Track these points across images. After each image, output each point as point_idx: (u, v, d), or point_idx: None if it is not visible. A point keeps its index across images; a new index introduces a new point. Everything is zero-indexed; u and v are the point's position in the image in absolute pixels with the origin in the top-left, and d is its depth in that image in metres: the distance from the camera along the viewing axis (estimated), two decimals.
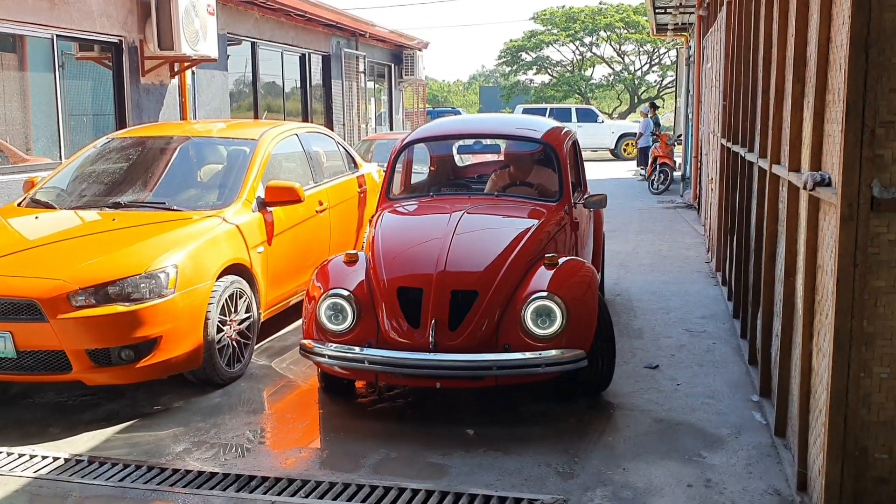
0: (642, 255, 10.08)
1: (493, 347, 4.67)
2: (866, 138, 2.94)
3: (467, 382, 4.78)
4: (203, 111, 10.67)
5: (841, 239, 3.03)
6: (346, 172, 7.87)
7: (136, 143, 6.63)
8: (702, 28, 13.38)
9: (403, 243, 5.36)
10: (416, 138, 6.68)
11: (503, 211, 5.84)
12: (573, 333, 4.69)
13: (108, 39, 8.89)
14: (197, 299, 5.14)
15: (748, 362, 5.66)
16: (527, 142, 6.61)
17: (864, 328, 3.08)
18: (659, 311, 7.30)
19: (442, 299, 4.71)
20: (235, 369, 5.54)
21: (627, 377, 5.57)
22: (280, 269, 6.19)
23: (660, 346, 6.24)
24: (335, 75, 15.46)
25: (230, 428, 4.79)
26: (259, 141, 6.50)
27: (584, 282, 5.04)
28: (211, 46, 9.67)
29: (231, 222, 5.71)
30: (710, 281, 8.54)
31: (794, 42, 4.16)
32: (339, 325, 4.82)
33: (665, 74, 45.27)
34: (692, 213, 13.85)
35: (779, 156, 4.72)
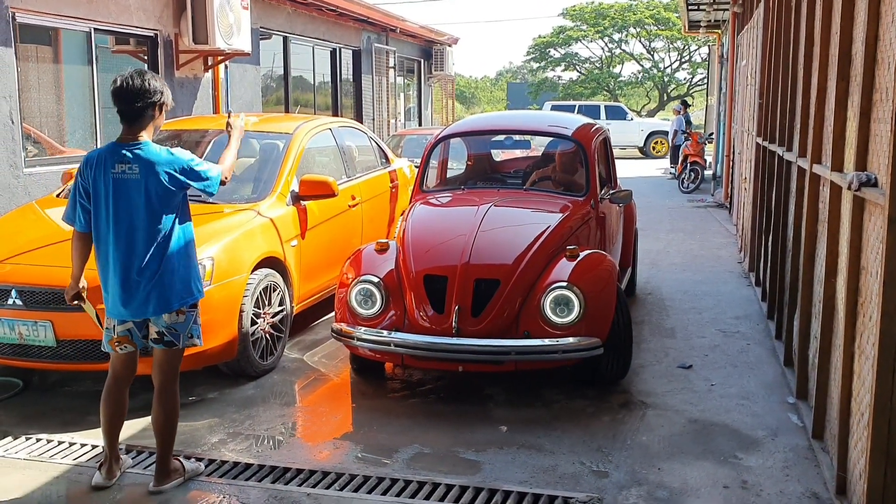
0: (673, 254, 10.01)
1: (513, 334, 4.86)
2: None
3: (488, 367, 4.98)
4: (235, 105, 10.72)
5: (889, 241, 2.99)
6: (379, 167, 7.88)
7: (172, 137, 6.66)
8: (736, 25, 13.25)
9: (432, 233, 5.54)
10: (450, 133, 6.76)
11: (530, 204, 5.96)
12: (590, 323, 4.86)
13: (143, 33, 8.96)
14: (232, 291, 5.18)
15: (783, 364, 5.60)
16: (557, 138, 6.65)
17: None
18: (691, 311, 7.24)
19: (466, 287, 4.90)
20: (268, 362, 5.57)
21: (661, 377, 5.53)
22: (313, 262, 6.21)
23: (693, 346, 6.19)
24: (365, 70, 15.48)
25: (264, 420, 4.82)
26: (293, 135, 6.53)
27: (603, 274, 5.18)
28: (244, 40, 9.72)
29: (265, 215, 5.74)
30: (743, 281, 8.46)
31: (838, 40, 4.10)
32: (368, 309, 5.05)
33: (695, 72, 44.85)
34: (723, 212, 13.73)
35: (820, 155, 4.67)
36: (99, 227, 3.82)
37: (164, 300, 3.82)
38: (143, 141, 3.81)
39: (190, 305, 3.91)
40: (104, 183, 3.77)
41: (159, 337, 3.87)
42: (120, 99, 3.81)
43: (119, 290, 3.81)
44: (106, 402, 3.98)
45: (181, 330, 3.88)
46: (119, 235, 3.78)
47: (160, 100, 3.87)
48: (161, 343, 3.88)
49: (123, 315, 3.86)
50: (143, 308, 3.82)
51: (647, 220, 12.72)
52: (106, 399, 3.98)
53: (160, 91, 3.86)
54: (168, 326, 3.85)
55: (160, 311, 3.83)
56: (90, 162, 3.83)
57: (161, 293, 3.81)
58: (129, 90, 3.78)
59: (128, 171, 3.76)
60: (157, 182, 3.74)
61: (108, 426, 3.99)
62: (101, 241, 3.83)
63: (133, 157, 3.76)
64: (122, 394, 4.02)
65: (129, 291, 3.80)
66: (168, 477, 3.95)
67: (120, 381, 4.01)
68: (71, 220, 3.92)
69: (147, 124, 3.85)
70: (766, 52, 7.79)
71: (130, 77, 3.80)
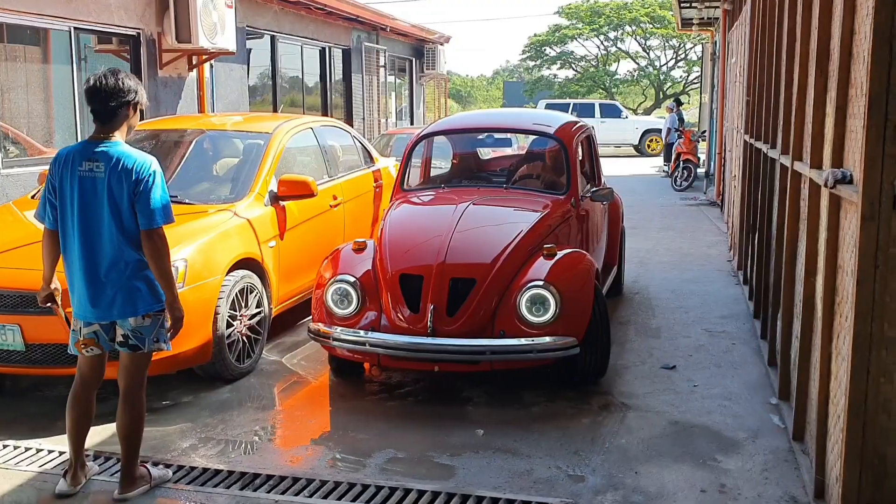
0: (662, 253, 9.93)
1: (489, 333, 4.83)
2: (889, 134, 2.82)
3: (464, 367, 4.95)
4: (221, 104, 10.64)
5: (861, 239, 2.91)
6: (362, 167, 7.80)
7: (150, 136, 6.58)
8: (727, 22, 13.19)
9: (409, 232, 5.52)
10: (430, 132, 6.69)
11: (509, 203, 5.92)
12: (566, 322, 4.83)
13: (125, 32, 8.87)
14: (206, 294, 5.09)
15: (768, 364, 5.53)
16: (539, 136, 6.61)
17: (884, 332, 2.96)
18: (678, 310, 7.17)
19: (441, 286, 4.87)
20: (245, 365, 5.49)
21: (643, 378, 5.45)
22: (292, 263, 6.13)
23: (677, 346, 6.12)
24: (355, 69, 15.39)
25: (238, 424, 4.74)
26: (273, 134, 6.45)
27: (580, 273, 5.15)
28: (229, 39, 9.63)
29: (242, 216, 5.66)
30: (732, 280, 8.39)
31: (817, 35, 4.03)
32: (344, 309, 5.03)
33: (691, 70, 44.81)
34: (715, 210, 13.65)
35: (801, 152, 4.59)
36: (65, 225, 3.74)
37: (131, 303, 3.74)
38: (114, 140, 3.73)
39: (157, 310, 3.82)
40: (70, 181, 3.70)
41: (124, 340, 3.79)
42: (93, 98, 3.73)
43: (85, 292, 3.74)
44: (72, 407, 3.90)
45: (147, 334, 3.80)
46: (85, 235, 3.70)
47: (134, 99, 3.79)
48: (126, 346, 3.80)
49: (90, 317, 3.78)
50: (109, 310, 3.74)
51: (638, 218, 12.66)
52: (72, 403, 3.90)
53: (134, 90, 3.78)
54: (134, 330, 3.77)
55: (126, 314, 3.75)
56: (59, 159, 3.76)
57: (128, 296, 3.73)
58: (102, 89, 3.70)
59: (94, 170, 3.68)
60: (119, 182, 3.66)
61: (74, 431, 3.90)
62: (67, 241, 3.76)
63: (100, 156, 3.68)
64: (89, 398, 3.93)
65: (96, 293, 3.72)
66: (133, 484, 3.87)
67: (87, 385, 3.92)
68: (42, 217, 3.85)
69: (120, 124, 3.78)
70: (752, 49, 7.72)
71: (104, 76, 3.73)
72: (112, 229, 3.68)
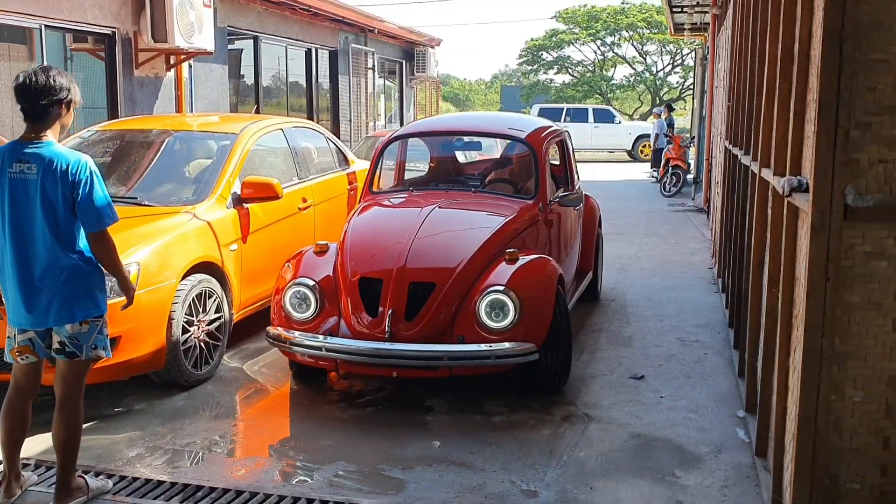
0: (644, 259, 9.81)
1: (448, 338, 4.75)
2: (840, 141, 2.70)
3: (422, 372, 4.85)
4: (201, 105, 10.51)
5: (812, 250, 2.79)
6: (336, 169, 7.67)
7: (115, 137, 6.47)
8: (716, 27, 13.10)
9: (371, 236, 5.43)
10: (400, 134, 6.58)
11: (475, 207, 5.83)
12: (526, 328, 4.75)
13: (99, 31, 8.74)
14: (160, 298, 4.96)
15: (738, 375, 5.41)
16: (509, 140, 6.50)
17: (835, 347, 2.84)
18: (653, 318, 7.04)
19: (400, 291, 4.80)
20: (203, 371, 5.35)
21: (610, 388, 5.33)
22: (256, 267, 6.00)
23: (648, 356, 5.99)
24: (342, 71, 15.26)
25: (188, 433, 4.60)
26: (239, 135, 6.32)
27: (542, 279, 5.07)
28: (207, 39, 9.50)
29: (202, 218, 5.53)
30: (711, 288, 8.26)
31: (782, 38, 3.91)
32: (302, 313, 4.96)
33: (687, 76, 44.71)
34: (702, 216, 13.54)
35: (768, 159, 4.47)
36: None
37: (67, 309, 3.61)
38: (45, 140, 3.60)
39: (95, 316, 3.69)
40: (0, 183, 3.56)
41: (61, 347, 3.65)
42: (23, 96, 3.59)
43: (19, 297, 3.60)
44: (6, 415, 3.76)
45: (84, 341, 3.66)
46: (17, 239, 3.57)
47: (66, 97, 3.65)
48: (63, 354, 3.66)
49: (24, 323, 3.65)
50: (45, 317, 3.61)
51: (623, 223, 12.56)
52: (6, 412, 3.77)
53: (66, 88, 3.64)
54: (71, 337, 3.63)
55: (63, 321, 3.61)
56: None
57: (64, 302, 3.60)
58: (32, 87, 3.56)
59: (26, 171, 3.55)
60: (54, 184, 3.52)
61: (9, 441, 3.77)
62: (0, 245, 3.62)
63: (32, 157, 3.55)
64: (25, 406, 3.80)
65: (30, 299, 3.59)
66: (70, 495, 3.73)
67: (22, 393, 3.78)
68: None
69: (52, 123, 3.64)
70: (733, 53, 7.60)
71: (34, 73, 3.59)
72: (46, 233, 3.55)
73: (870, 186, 2.73)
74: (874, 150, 2.72)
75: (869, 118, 2.70)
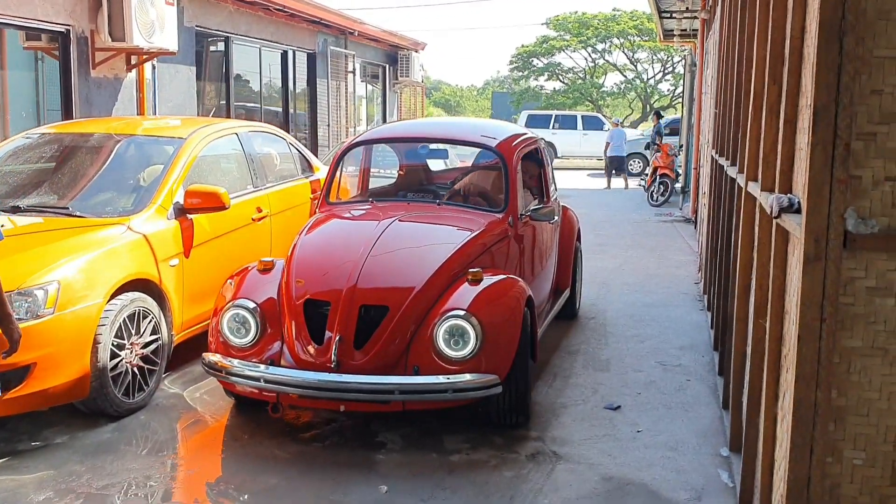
0: (628, 273, 9.35)
1: (402, 369, 4.28)
2: (839, 154, 2.24)
3: (373, 406, 4.36)
4: (165, 108, 10.01)
5: (804, 285, 2.33)
6: (298, 176, 7.19)
7: (52, 141, 5.98)
8: (705, 32, 12.71)
9: (320, 252, 4.94)
10: (360, 140, 6.11)
11: (438, 220, 5.34)
12: (489, 358, 4.28)
13: (52, 28, 8.24)
14: (83, 320, 4.47)
15: (722, 406, 4.94)
16: (477, 148, 6.03)
17: (832, 400, 2.38)
18: (633, 339, 6.58)
19: (349, 315, 4.32)
20: (136, 399, 4.87)
21: (583, 420, 4.86)
22: (201, 284, 5.51)
23: (626, 382, 5.53)
24: (321, 74, 14.77)
25: (108, 473, 4.11)
26: (187, 140, 5.83)
27: (508, 302, 4.58)
28: (169, 39, 9.01)
29: (137, 231, 5.04)
30: (697, 305, 7.81)
31: (771, 35, 3.46)
32: (241, 338, 4.50)
33: (678, 83, 44.40)
34: (690, 227, 13.10)
35: (756, 171, 4.02)
36: None
37: None
38: None
39: None
40: None
41: None
42: None
43: None
44: None
45: None
46: None
47: None
48: None
49: None
50: None
51: (607, 234, 12.13)
52: None
53: None
54: None
55: None
56: None
57: None
58: None
59: None
60: None
61: None
62: None
63: None
64: None
65: None
66: None
67: None
68: None
69: None
70: (720, 57, 7.17)
71: None
72: None
73: (874, 209, 2.28)
74: (880, 165, 2.27)
75: (874, 127, 2.25)
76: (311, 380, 4.24)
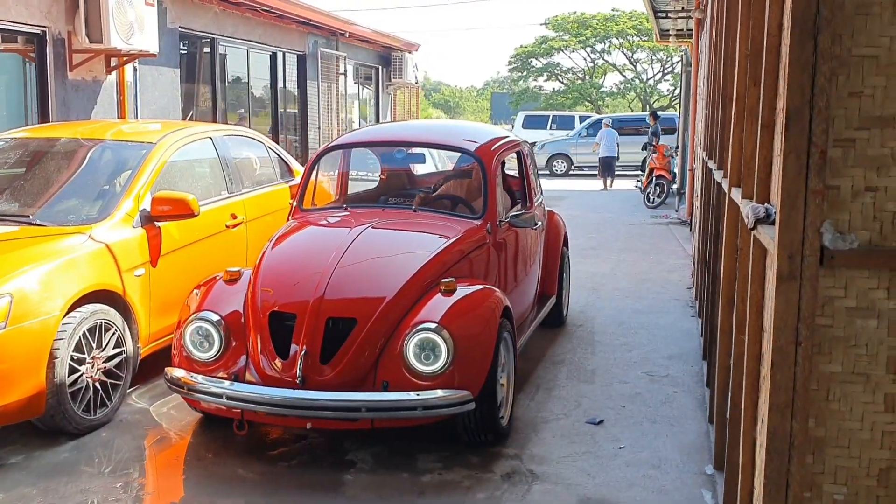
0: (620, 278, 9.15)
1: (370, 384, 4.08)
2: (814, 162, 2.05)
3: (341, 424, 4.16)
4: (147, 111, 9.83)
5: (778, 305, 2.13)
6: (277, 181, 7.00)
7: (17, 146, 5.79)
8: (699, 32, 12.53)
9: (288, 262, 4.74)
10: (335, 145, 5.91)
11: (413, 227, 5.13)
12: (461, 372, 4.10)
13: (27, 30, 8.06)
14: (38, 335, 4.28)
15: (708, 420, 4.75)
16: (454, 152, 5.83)
17: (809, 430, 2.18)
18: (621, 348, 6.38)
19: (315, 328, 4.13)
20: (98, 415, 4.67)
21: (563, 436, 4.66)
22: (170, 294, 5.31)
23: (611, 395, 5.33)
24: (311, 76, 14.58)
25: (62, 496, 3.92)
26: (156, 145, 5.64)
27: (482, 313, 4.39)
28: (149, 40, 8.82)
29: (99, 240, 4.84)
30: (688, 311, 7.61)
31: (751, 32, 3.27)
32: (205, 353, 4.33)
33: (677, 83, 44.21)
34: (685, 230, 12.89)
35: (738, 178, 3.82)
36: None
37: None
38: None
39: None
40: None
41: None
42: None
43: None
44: None
45: None
46: None
47: None
48: None
49: None
50: None
51: (600, 238, 11.93)
52: None
53: None
54: None
55: None
56: None
57: None
58: None
59: None
60: None
61: None
62: None
63: None
64: None
65: None
66: None
67: None
68: None
69: None
70: (710, 58, 6.97)
71: None
72: None
73: (854, 223, 2.08)
74: (860, 174, 2.08)
75: (852, 132, 2.05)
76: (275, 397, 4.06)
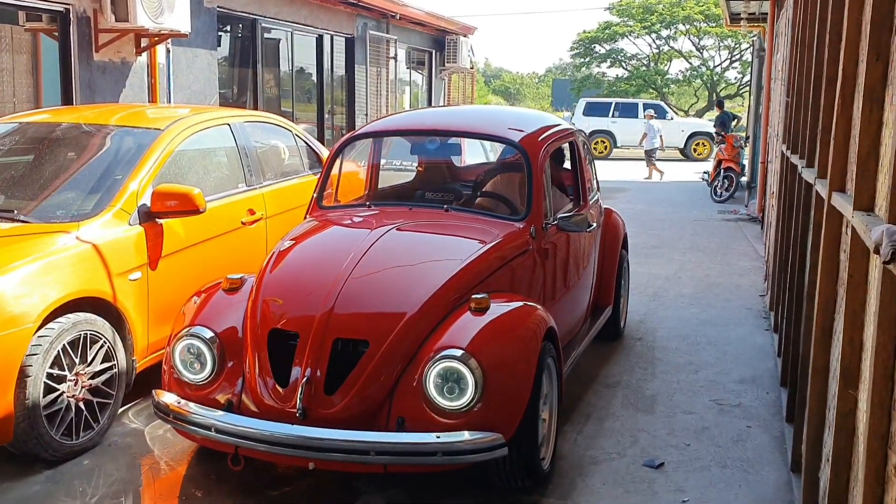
0: (684, 282, 8.32)
1: (383, 420, 3.42)
2: None
3: (348, 466, 3.48)
4: (181, 95, 9.29)
5: None
6: (304, 173, 6.36)
7: (14, 132, 5.25)
8: (775, 15, 11.56)
9: (294, 269, 4.09)
10: (360, 134, 5.23)
11: (443, 230, 4.43)
12: (491, 410, 3.41)
13: (49, 7, 7.56)
14: (5, 350, 3.71)
15: (791, 469, 3.96)
16: (495, 142, 5.09)
17: None
18: (685, 368, 5.60)
19: (320, 350, 3.48)
20: (82, 439, 4.10)
21: (615, 482, 3.93)
22: (172, 300, 4.69)
23: (673, 429, 4.57)
24: (359, 60, 13.94)
25: None
26: (164, 132, 5.03)
27: (520, 339, 3.66)
28: (180, 19, 8.26)
29: (86, 240, 4.25)
30: (761, 323, 6.78)
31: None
32: (195, 374, 3.71)
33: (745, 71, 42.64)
34: (755, 227, 11.95)
35: (843, 179, 3.04)
36: None
37: None
38: None
39: None
40: None
41: None
42: None
43: None
44: None
45: None
46: None
47: None
48: None
49: None
50: None
51: (665, 235, 11.10)
52: None
53: None
54: None
55: None
56: None
57: None
58: None
59: None
60: None
61: None
62: None
63: None
64: None
65: None
66: None
67: None
68: None
69: None
70: (794, 36, 6.11)
71: None
72: None
73: None
74: None
75: None
76: (270, 433, 3.42)
